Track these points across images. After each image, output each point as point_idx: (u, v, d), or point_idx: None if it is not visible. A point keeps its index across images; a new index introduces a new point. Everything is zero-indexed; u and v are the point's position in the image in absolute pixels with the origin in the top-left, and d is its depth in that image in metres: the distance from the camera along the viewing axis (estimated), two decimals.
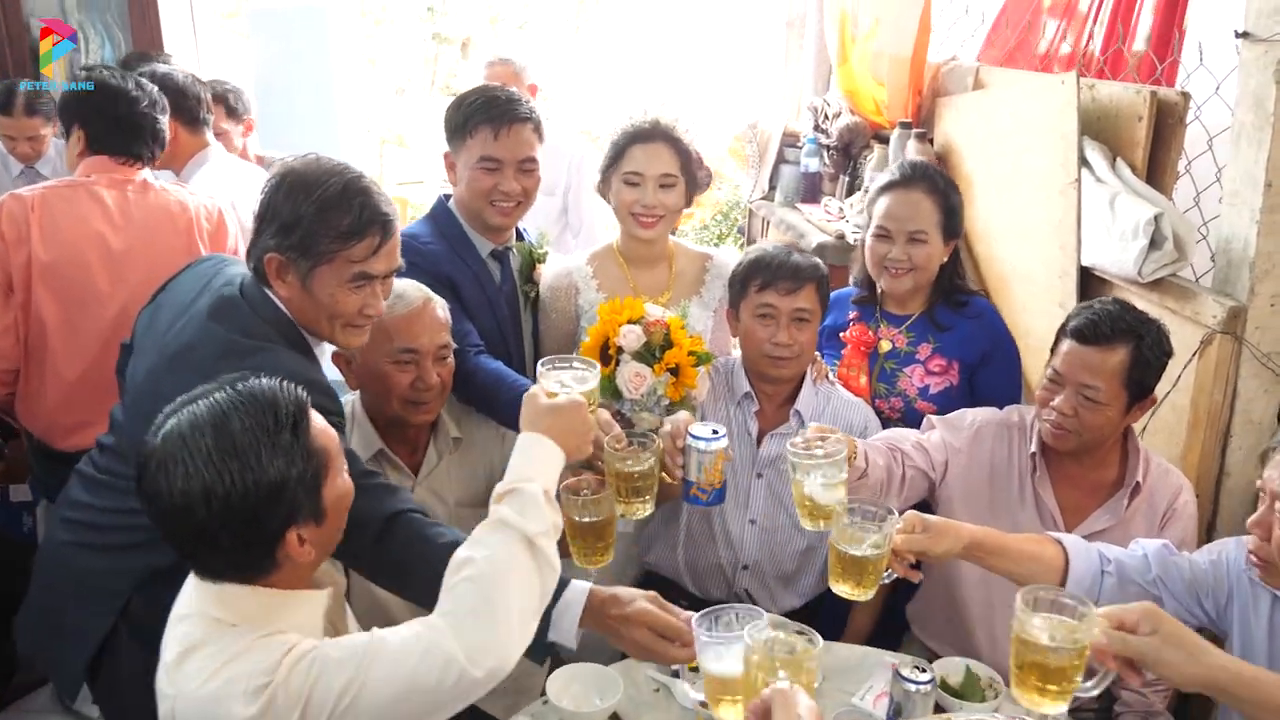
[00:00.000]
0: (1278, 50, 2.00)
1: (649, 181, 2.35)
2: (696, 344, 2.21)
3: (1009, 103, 2.95)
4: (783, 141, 4.20)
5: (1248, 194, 2.11)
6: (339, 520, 1.43)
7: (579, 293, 2.43)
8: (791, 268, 2.20)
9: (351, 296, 1.74)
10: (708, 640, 1.49)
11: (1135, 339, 1.94)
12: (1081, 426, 1.97)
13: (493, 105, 2.27)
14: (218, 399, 1.33)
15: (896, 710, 1.80)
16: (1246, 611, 1.74)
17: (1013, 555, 1.77)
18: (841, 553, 1.66)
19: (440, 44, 10.48)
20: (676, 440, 1.91)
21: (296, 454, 1.32)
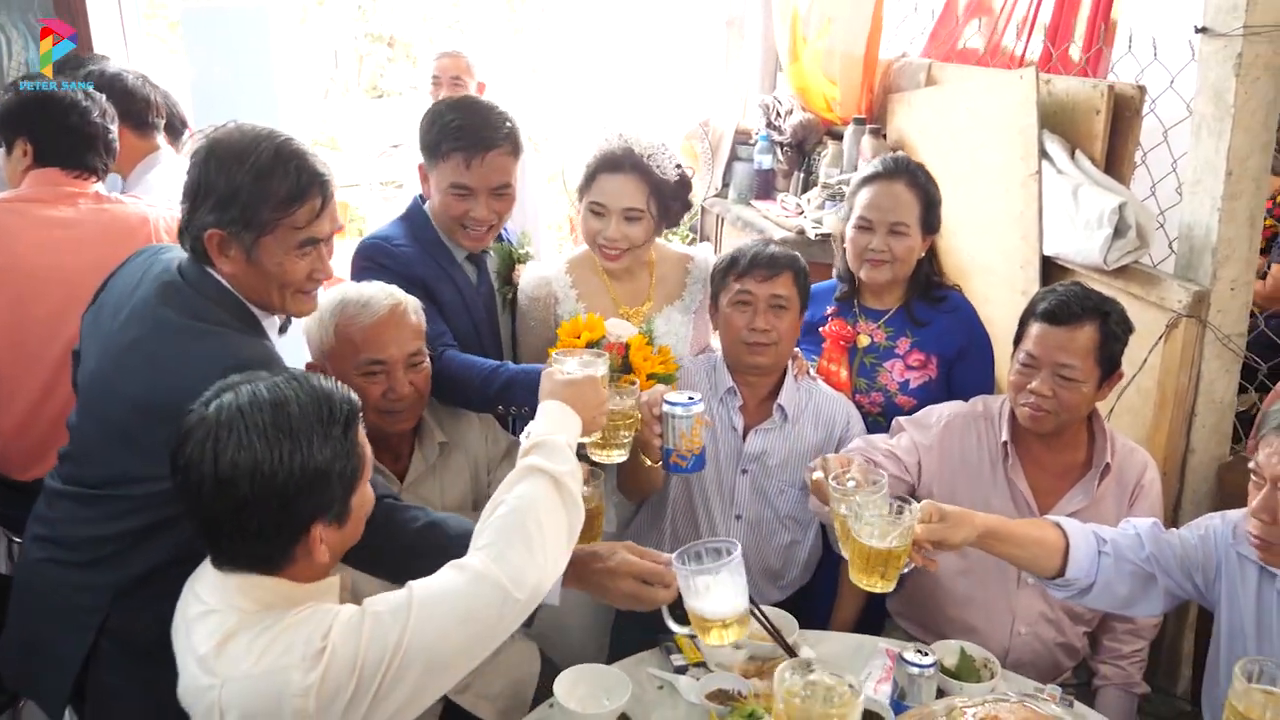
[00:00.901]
0: (1236, 44, 2.08)
1: (612, 215, 2.27)
2: (664, 356, 2.20)
3: (965, 98, 3.02)
4: (734, 139, 4.23)
5: (1209, 182, 2.20)
6: (357, 529, 1.46)
7: (558, 302, 2.38)
8: (768, 257, 2.22)
9: (299, 263, 1.70)
10: (688, 576, 1.58)
11: (1102, 316, 2.02)
12: (1060, 406, 2.04)
13: (466, 132, 2.18)
14: (277, 383, 1.37)
15: (900, 694, 1.82)
16: (1234, 585, 1.81)
17: (1020, 541, 1.82)
18: (866, 547, 1.69)
19: (373, 43, 10.31)
20: (654, 409, 1.92)
21: (344, 449, 1.36)
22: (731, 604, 1.60)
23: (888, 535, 1.67)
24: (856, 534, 1.70)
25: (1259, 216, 2.21)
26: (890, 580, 1.71)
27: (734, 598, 1.60)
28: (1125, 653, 2.19)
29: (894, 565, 1.70)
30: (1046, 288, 2.11)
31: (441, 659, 1.33)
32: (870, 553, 1.69)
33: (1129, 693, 2.19)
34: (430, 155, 2.26)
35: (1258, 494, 1.68)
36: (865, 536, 1.69)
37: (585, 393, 1.67)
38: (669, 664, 1.99)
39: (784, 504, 2.31)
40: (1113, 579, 1.84)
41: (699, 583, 1.58)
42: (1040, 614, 2.16)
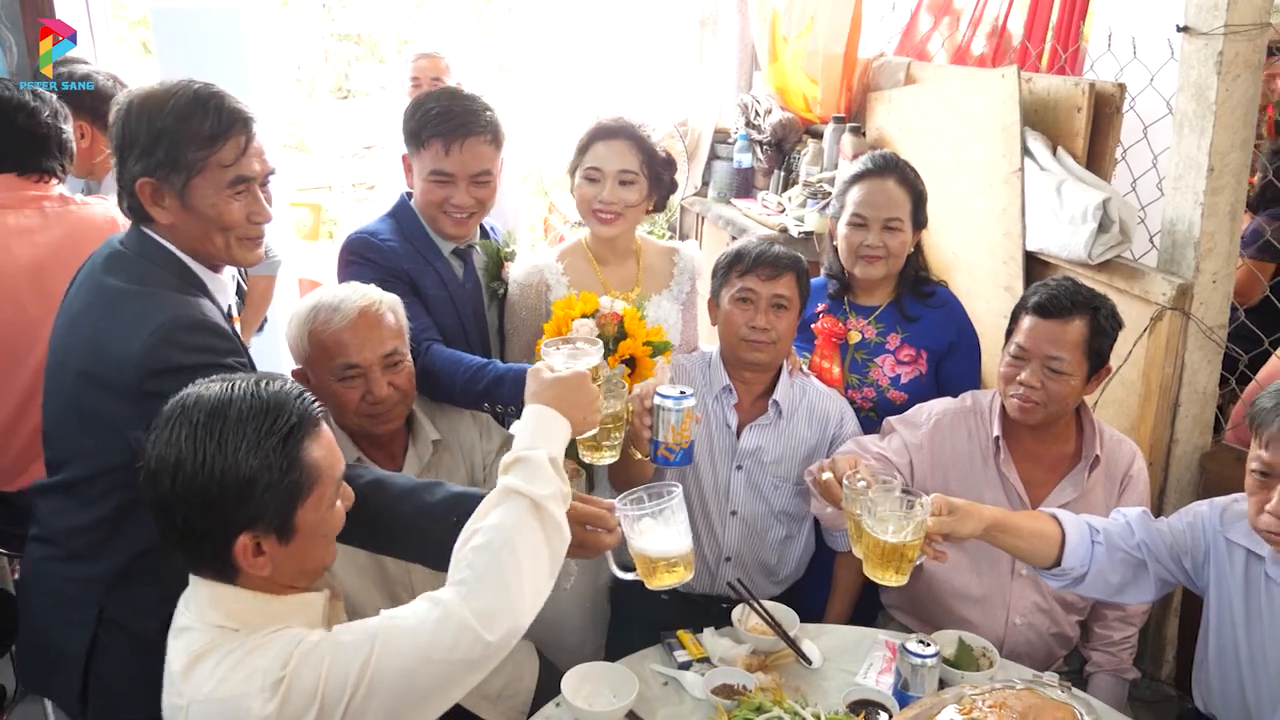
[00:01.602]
0: (1217, 43, 2.13)
1: (608, 177, 2.35)
2: (655, 334, 2.22)
3: (946, 96, 3.06)
4: (713, 138, 4.25)
5: (1191, 178, 2.25)
6: (314, 547, 1.39)
7: (549, 289, 2.41)
8: (772, 256, 2.24)
9: (234, 203, 1.69)
10: (632, 519, 1.58)
11: (1092, 310, 2.05)
12: (1048, 398, 2.07)
13: (447, 118, 2.22)
14: (232, 385, 1.35)
15: (903, 685, 1.85)
16: (1223, 568, 1.85)
17: (1022, 533, 1.86)
18: (881, 542, 1.71)
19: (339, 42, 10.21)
20: (645, 401, 1.92)
21: (278, 461, 1.30)
22: (676, 543, 1.61)
23: (902, 530, 1.70)
24: (870, 530, 1.72)
25: (1240, 211, 2.26)
26: (904, 574, 1.74)
27: (678, 538, 1.61)
28: (1116, 640, 2.23)
29: (908, 558, 1.72)
30: (1039, 282, 2.14)
31: (410, 693, 1.29)
32: (886, 548, 1.71)
33: (1120, 678, 2.23)
34: (413, 143, 2.28)
35: (1266, 492, 1.69)
36: (880, 532, 1.71)
37: (574, 393, 1.59)
38: (672, 660, 1.99)
39: (779, 500, 2.33)
40: (1105, 567, 1.88)
41: (643, 525, 1.58)
42: (1034, 604, 2.19)
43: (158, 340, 1.59)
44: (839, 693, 1.89)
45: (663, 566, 1.60)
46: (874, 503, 1.73)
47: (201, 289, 1.73)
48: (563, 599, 2.43)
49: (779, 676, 1.94)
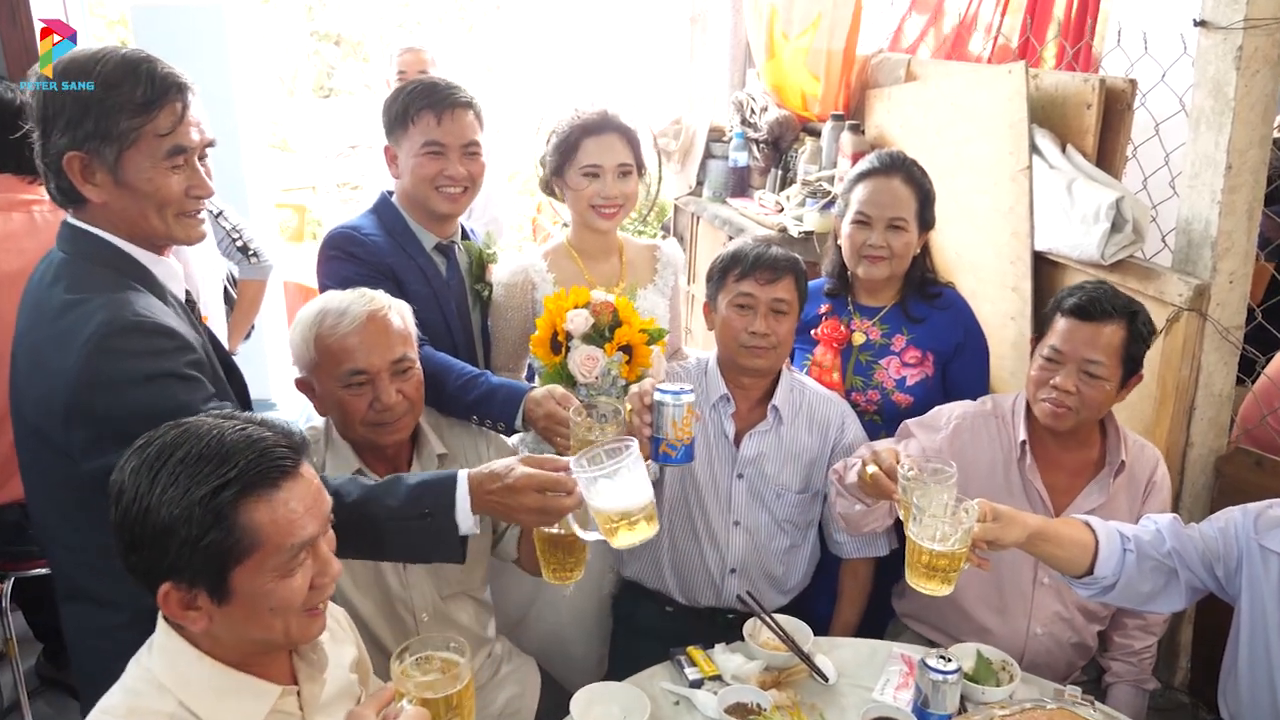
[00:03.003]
0: (1236, 37, 2.08)
1: (608, 173, 2.33)
2: (648, 324, 2.18)
3: (949, 93, 3.00)
4: (708, 137, 4.18)
5: (1208, 176, 2.20)
6: (257, 616, 1.25)
7: (535, 288, 2.38)
8: (770, 259, 2.18)
9: (172, 177, 1.57)
10: (589, 480, 1.51)
11: (1130, 315, 2.00)
12: (1083, 403, 2.01)
13: (434, 91, 2.25)
14: (201, 424, 1.24)
15: (924, 702, 1.79)
16: (1256, 575, 1.80)
17: (1061, 541, 1.81)
18: (929, 551, 1.66)
19: (320, 41, 10.10)
20: (644, 398, 1.87)
21: (199, 516, 1.18)
22: (635, 499, 1.55)
23: (950, 538, 1.65)
24: (916, 538, 1.66)
25: (1257, 209, 2.21)
26: (950, 583, 1.69)
27: (637, 493, 1.55)
28: (1136, 649, 2.18)
29: (955, 567, 1.67)
30: (1073, 285, 2.08)
31: None
32: (934, 557, 1.66)
33: (1140, 689, 2.18)
34: (398, 125, 2.27)
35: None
36: (928, 540, 1.66)
37: None
38: (683, 678, 1.93)
39: (781, 508, 2.27)
40: (1135, 576, 1.83)
41: (600, 485, 1.52)
42: (1056, 613, 2.14)
43: (89, 353, 1.46)
44: (856, 710, 1.83)
45: (624, 524, 1.54)
46: (932, 493, 1.67)
47: (143, 280, 1.59)
48: (563, 610, 2.38)
49: (794, 693, 1.88)
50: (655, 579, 2.32)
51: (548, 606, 2.37)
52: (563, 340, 2.09)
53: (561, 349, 2.09)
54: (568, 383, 2.10)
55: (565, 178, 2.38)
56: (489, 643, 2.18)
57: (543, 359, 2.11)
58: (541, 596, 2.37)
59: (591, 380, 2.07)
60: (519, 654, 2.25)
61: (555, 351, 2.10)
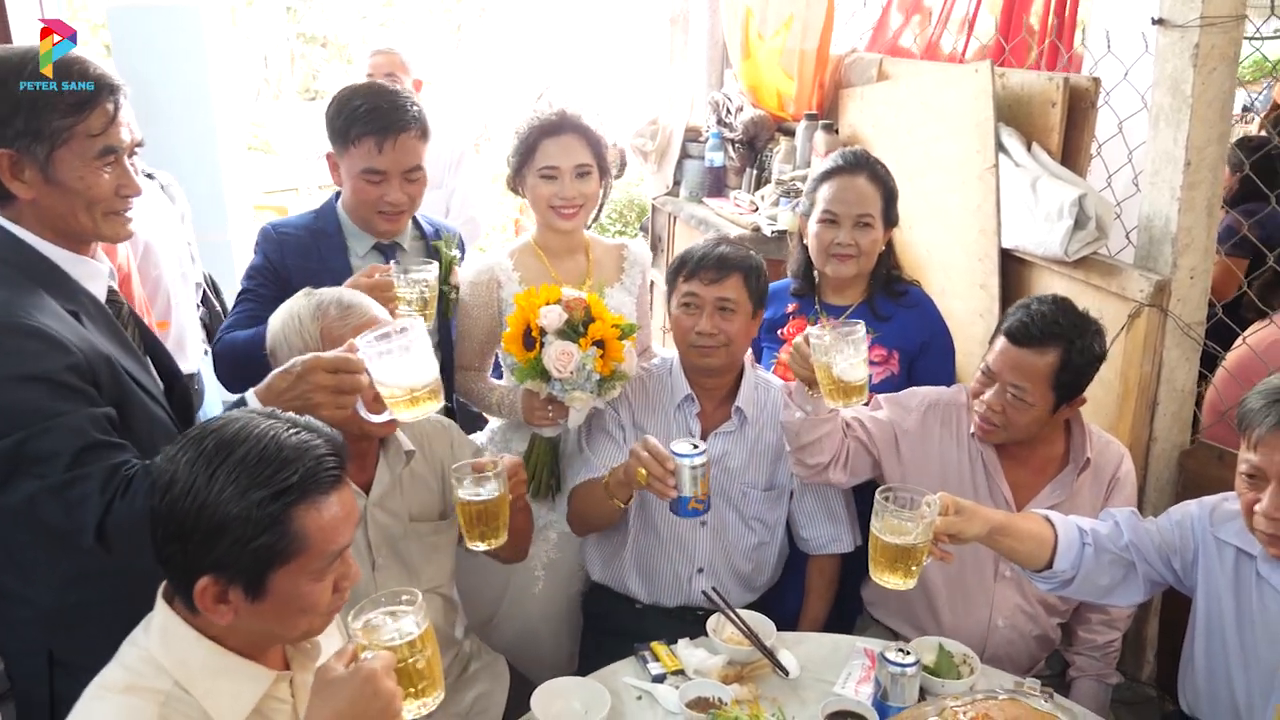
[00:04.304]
0: (1193, 35, 2.10)
1: (565, 174, 2.34)
2: (620, 319, 2.19)
3: (919, 92, 3.02)
4: (685, 137, 4.19)
5: (1168, 173, 2.22)
6: (285, 616, 1.30)
7: (501, 286, 2.39)
8: (716, 258, 2.18)
9: (103, 176, 1.58)
10: (374, 355, 1.56)
11: (1066, 343, 1.98)
12: (1008, 423, 2.04)
13: (376, 116, 2.18)
14: (255, 426, 1.27)
15: (883, 695, 1.80)
16: (1212, 568, 1.82)
17: (1020, 536, 1.83)
18: (888, 544, 1.68)
19: (305, 44, 10.09)
20: (666, 463, 1.91)
21: (257, 517, 1.23)
22: (421, 375, 1.60)
23: (911, 531, 1.67)
24: (879, 533, 1.70)
25: (1216, 206, 2.23)
26: (912, 576, 1.71)
27: (422, 370, 1.60)
28: (1100, 644, 2.20)
29: (916, 561, 1.70)
30: (1023, 301, 2.07)
31: None
32: (895, 550, 1.69)
33: (1103, 683, 2.20)
34: (339, 141, 2.24)
35: (1256, 494, 1.65)
36: (890, 534, 1.68)
37: (359, 702, 1.25)
38: (646, 673, 1.94)
39: (749, 506, 2.28)
40: (1094, 570, 1.85)
41: (386, 361, 1.57)
42: (1017, 606, 2.16)
43: None
44: (817, 703, 1.84)
45: (404, 402, 1.60)
46: (833, 359, 1.82)
47: (51, 281, 1.58)
48: (532, 608, 2.38)
49: (755, 688, 1.89)
50: (620, 583, 2.32)
51: (517, 605, 2.38)
52: (536, 336, 2.10)
53: (535, 345, 2.10)
54: (542, 378, 2.12)
55: (525, 178, 2.39)
56: (456, 643, 2.18)
57: (516, 355, 2.12)
58: (510, 595, 2.38)
59: (566, 375, 2.08)
60: (488, 651, 2.25)
61: (529, 347, 2.11)
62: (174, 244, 3.13)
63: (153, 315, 2.84)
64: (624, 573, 2.29)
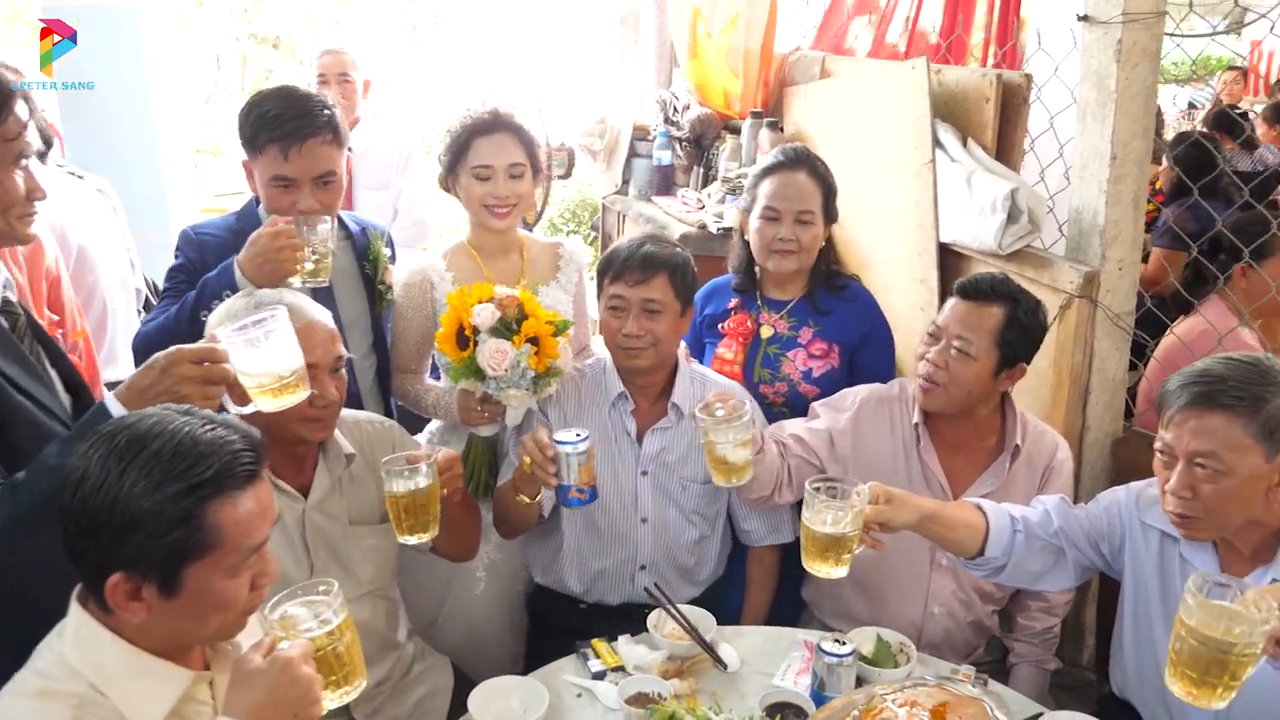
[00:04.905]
0: (1116, 32, 2.14)
1: (499, 173, 2.34)
2: (554, 316, 2.18)
3: (859, 90, 3.05)
4: (633, 135, 4.21)
5: (1095, 167, 2.26)
6: (199, 612, 1.29)
7: (434, 287, 2.38)
8: (641, 258, 2.16)
9: (16, 178, 1.58)
10: (238, 343, 1.56)
11: (1012, 302, 2.05)
12: (951, 379, 2.06)
13: (282, 121, 2.12)
14: (170, 420, 1.27)
15: (820, 685, 1.82)
16: (1139, 552, 1.86)
17: (952, 524, 1.86)
18: (818, 533, 1.70)
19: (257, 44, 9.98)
20: (545, 450, 1.91)
21: (169, 512, 1.22)
22: (282, 363, 1.61)
23: (840, 521, 1.69)
24: (809, 521, 1.73)
25: (1143, 198, 2.28)
26: (844, 564, 1.73)
27: (284, 358, 1.61)
28: (1038, 630, 2.24)
29: (846, 549, 1.72)
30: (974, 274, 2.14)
31: None
32: (826, 539, 1.71)
33: (1042, 669, 2.24)
34: (249, 149, 2.20)
35: (1168, 473, 1.69)
36: (819, 524, 1.70)
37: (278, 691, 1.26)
38: (586, 670, 1.94)
39: (688, 500, 2.28)
40: (1024, 556, 1.88)
41: (249, 350, 1.57)
42: (953, 593, 2.19)
43: None
44: (757, 695, 1.85)
45: (270, 391, 1.61)
46: (712, 429, 1.86)
47: None
48: (475, 608, 2.38)
49: (695, 682, 1.90)
50: (563, 583, 2.31)
51: (459, 606, 2.37)
52: (470, 335, 2.10)
53: (469, 343, 2.09)
54: (476, 377, 2.11)
55: (458, 177, 2.38)
56: (400, 645, 2.17)
57: (450, 355, 2.11)
58: (452, 596, 2.37)
59: (501, 373, 2.08)
60: (432, 653, 2.24)
61: (463, 346, 2.10)
62: (111, 249, 3.08)
63: (87, 322, 2.78)
64: (565, 573, 2.29)
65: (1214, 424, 1.62)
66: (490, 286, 2.13)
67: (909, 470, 2.19)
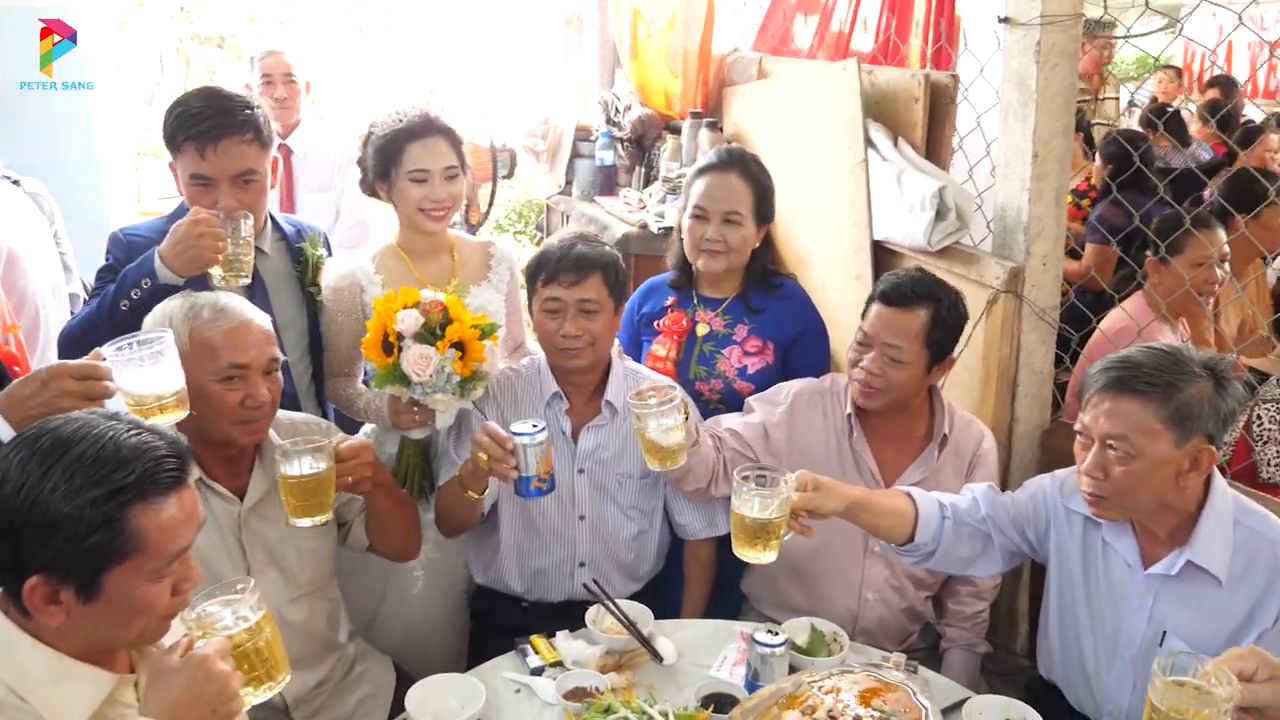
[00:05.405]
0: (1035, 33, 2.21)
1: (435, 176, 2.34)
2: (480, 319, 2.18)
3: (795, 90, 3.10)
4: (575, 136, 4.23)
5: (1018, 165, 2.33)
6: (120, 617, 1.29)
7: (364, 290, 2.38)
8: (574, 259, 2.17)
9: None
10: (122, 362, 1.60)
11: (934, 302, 2.10)
12: (888, 384, 2.12)
13: (200, 120, 2.12)
14: (94, 425, 1.28)
15: (754, 675, 1.85)
16: (1063, 536, 1.93)
17: (881, 511, 1.91)
18: (746, 520, 1.74)
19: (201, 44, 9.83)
20: (505, 444, 1.92)
21: (90, 516, 1.23)
22: (163, 385, 1.64)
23: (767, 507, 1.73)
24: (737, 508, 1.76)
25: (1064, 195, 2.35)
26: (772, 549, 1.77)
27: (165, 380, 1.65)
28: (968, 614, 2.30)
29: (774, 535, 1.76)
30: (892, 271, 2.19)
31: None
32: (753, 525, 1.75)
33: (972, 652, 2.30)
34: (170, 147, 2.19)
35: (1085, 454, 1.76)
36: (746, 510, 1.74)
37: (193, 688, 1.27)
38: (525, 666, 1.95)
39: (625, 496, 2.30)
40: (953, 542, 1.94)
41: (131, 369, 1.61)
42: (885, 580, 2.24)
43: None
44: (693, 687, 1.88)
45: (153, 409, 1.64)
46: (643, 414, 1.91)
47: None
48: (414, 608, 2.38)
49: (633, 675, 1.92)
50: (503, 583, 2.32)
51: (398, 606, 2.37)
52: (394, 341, 2.09)
53: (394, 350, 2.09)
54: (402, 383, 2.10)
55: (391, 181, 2.37)
56: (340, 646, 2.17)
57: (376, 361, 2.10)
58: (390, 596, 2.37)
59: (426, 379, 2.07)
60: (373, 653, 2.24)
61: (388, 353, 2.09)
62: (43, 254, 3.04)
63: (20, 322, 2.75)
64: (506, 573, 2.30)
65: (1127, 408, 1.68)
66: (416, 291, 2.13)
67: (842, 461, 2.24)
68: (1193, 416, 1.65)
